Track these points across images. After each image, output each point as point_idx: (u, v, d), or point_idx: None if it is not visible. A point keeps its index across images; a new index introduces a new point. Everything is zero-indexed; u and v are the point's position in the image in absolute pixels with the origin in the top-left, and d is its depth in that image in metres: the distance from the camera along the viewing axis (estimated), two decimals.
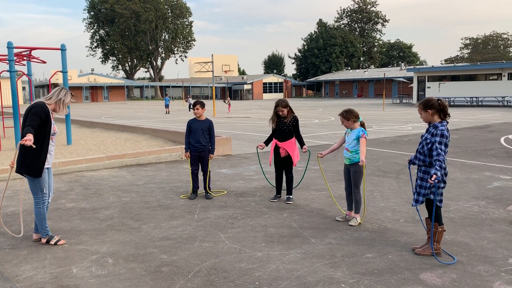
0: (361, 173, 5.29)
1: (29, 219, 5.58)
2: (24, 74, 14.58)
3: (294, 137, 6.27)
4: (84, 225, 5.34)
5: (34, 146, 4.28)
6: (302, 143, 6.26)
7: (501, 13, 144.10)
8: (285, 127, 6.21)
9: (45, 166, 4.56)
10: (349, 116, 5.27)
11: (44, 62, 13.79)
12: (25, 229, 5.15)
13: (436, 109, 4.20)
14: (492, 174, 8.11)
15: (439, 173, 3.94)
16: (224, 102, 33.59)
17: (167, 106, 33.14)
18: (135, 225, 5.33)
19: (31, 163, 4.46)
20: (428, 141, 4.16)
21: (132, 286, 3.67)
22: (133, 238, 4.84)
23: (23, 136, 4.32)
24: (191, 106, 6.73)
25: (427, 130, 4.27)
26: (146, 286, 3.66)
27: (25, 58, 13.16)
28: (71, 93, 4.77)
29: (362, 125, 5.34)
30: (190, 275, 3.86)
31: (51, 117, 4.56)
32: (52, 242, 4.65)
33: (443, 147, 4.05)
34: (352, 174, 5.30)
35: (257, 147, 6.46)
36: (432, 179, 3.91)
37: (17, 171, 4.53)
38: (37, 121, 4.39)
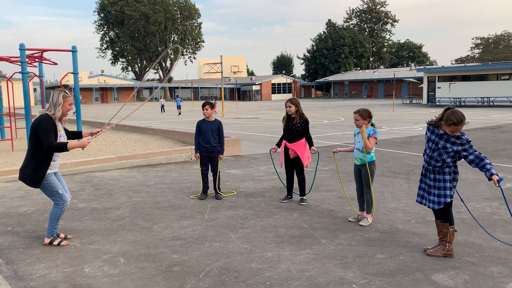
0: (373, 172, 5.27)
1: (41, 219, 5.65)
2: (36, 75, 14.75)
3: (303, 139, 6.24)
4: (95, 225, 5.39)
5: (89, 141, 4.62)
6: (310, 144, 6.25)
7: None
8: (293, 127, 6.20)
9: (51, 171, 4.61)
10: (365, 115, 5.24)
11: (55, 64, 13.93)
12: (37, 229, 5.21)
13: None
14: (505, 175, 8.02)
15: (494, 171, 3.93)
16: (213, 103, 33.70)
17: (178, 107, 33.26)
18: (146, 225, 5.36)
19: (30, 173, 4.49)
20: (450, 150, 4.08)
21: (144, 285, 3.70)
22: (144, 238, 4.87)
23: (62, 147, 4.43)
24: (204, 106, 6.68)
25: (441, 137, 4.14)
26: (158, 285, 3.69)
27: (36, 59, 13.31)
28: (64, 91, 4.62)
29: (373, 125, 5.32)
30: (201, 275, 3.88)
31: (58, 129, 4.58)
32: (55, 243, 4.67)
33: (474, 148, 4.09)
34: (364, 175, 5.28)
35: (270, 150, 6.52)
36: (498, 185, 3.88)
37: (19, 178, 4.60)
38: (52, 135, 4.44)
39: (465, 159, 4.08)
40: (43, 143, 4.41)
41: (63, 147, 4.45)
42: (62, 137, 4.65)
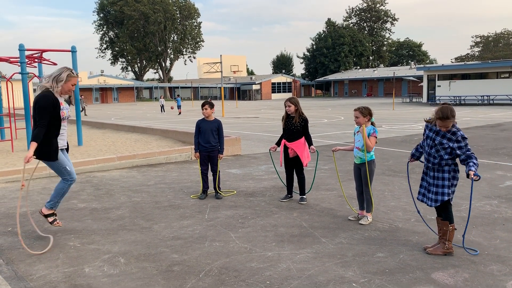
0: (372, 171, 5.27)
1: (41, 219, 5.64)
2: (36, 76, 14.74)
3: (303, 138, 6.24)
4: (96, 225, 5.39)
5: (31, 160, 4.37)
6: (310, 144, 6.25)
7: None
8: (293, 127, 6.20)
9: (59, 148, 4.65)
10: (366, 113, 5.24)
11: (55, 64, 13.91)
12: (38, 230, 5.21)
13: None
14: (505, 173, 8.02)
15: (473, 169, 3.95)
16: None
17: (179, 107, 33.32)
18: (146, 224, 5.36)
19: (42, 147, 4.52)
20: (446, 146, 4.12)
21: (144, 285, 3.70)
22: (144, 238, 4.88)
23: (33, 136, 4.39)
24: (203, 106, 6.70)
25: (438, 133, 4.18)
26: (158, 285, 3.69)
27: (36, 60, 13.29)
28: (71, 70, 4.57)
29: (373, 124, 5.33)
30: (201, 275, 3.88)
31: (60, 103, 4.55)
32: (50, 219, 4.71)
33: (469, 147, 4.11)
34: (363, 174, 5.28)
35: (269, 149, 6.52)
36: (473, 177, 3.89)
37: (36, 158, 4.62)
38: (47, 116, 4.44)
39: (458, 157, 4.13)
40: (37, 120, 4.41)
41: (35, 140, 4.38)
42: (65, 110, 4.66)
